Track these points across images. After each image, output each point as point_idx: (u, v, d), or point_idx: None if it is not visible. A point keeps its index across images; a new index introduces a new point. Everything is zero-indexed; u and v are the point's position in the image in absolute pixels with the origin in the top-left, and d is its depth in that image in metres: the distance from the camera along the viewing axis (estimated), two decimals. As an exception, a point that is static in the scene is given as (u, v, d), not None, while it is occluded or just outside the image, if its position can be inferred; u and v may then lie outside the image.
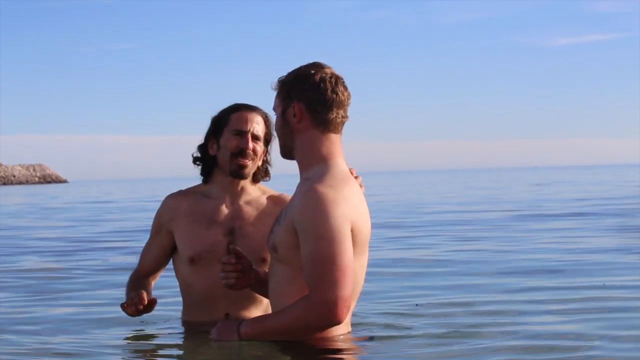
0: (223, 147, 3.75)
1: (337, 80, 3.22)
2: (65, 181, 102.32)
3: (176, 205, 3.81)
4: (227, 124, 3.75)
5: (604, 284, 5.58)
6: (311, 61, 3.27)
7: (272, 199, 3.84)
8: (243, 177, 3.77)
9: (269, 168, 3.88)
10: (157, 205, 3.94)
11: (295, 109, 3.21)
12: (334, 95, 3.20)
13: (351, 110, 3.30)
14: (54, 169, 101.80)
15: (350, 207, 3.11)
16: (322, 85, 3.19)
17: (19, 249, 9.78)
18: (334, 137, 3.23)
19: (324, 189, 3.08)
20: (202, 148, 3.84)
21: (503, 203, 18.97)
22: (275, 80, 3.29)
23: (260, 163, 3.81)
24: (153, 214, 3.92)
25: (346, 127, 3.31)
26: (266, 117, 3.80)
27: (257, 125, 3.76)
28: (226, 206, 3.79)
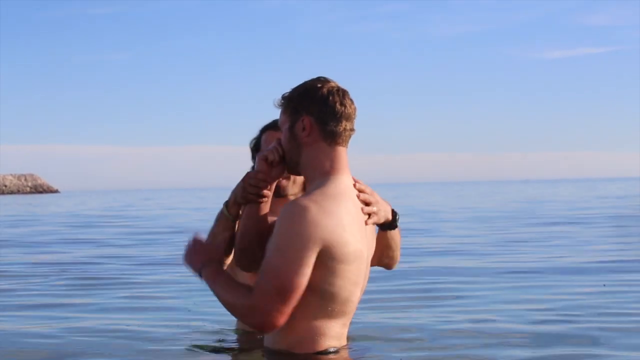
0: None
1: (344, 93, 3.24)
2: (56, 191, 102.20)
3: None
4: (260, 147, 3.83)
5: (604, 285, 5.76)
6: (310, 76, 3.25)
7: None
8: (281, 194, 3.77)
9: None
10: None
11: (304, 122, 3.21)
12: (342, 108, 3.21)
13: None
14: (45, 179, 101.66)
15: (331, 222, 3.06)
16: (330, 98, 3.20)
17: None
18: (340, 150, 3.23)
19: (306, 203, 3.07)
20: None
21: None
22: (279, 97, 3.27)
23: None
24: None
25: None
26: None
27: None
28: None
